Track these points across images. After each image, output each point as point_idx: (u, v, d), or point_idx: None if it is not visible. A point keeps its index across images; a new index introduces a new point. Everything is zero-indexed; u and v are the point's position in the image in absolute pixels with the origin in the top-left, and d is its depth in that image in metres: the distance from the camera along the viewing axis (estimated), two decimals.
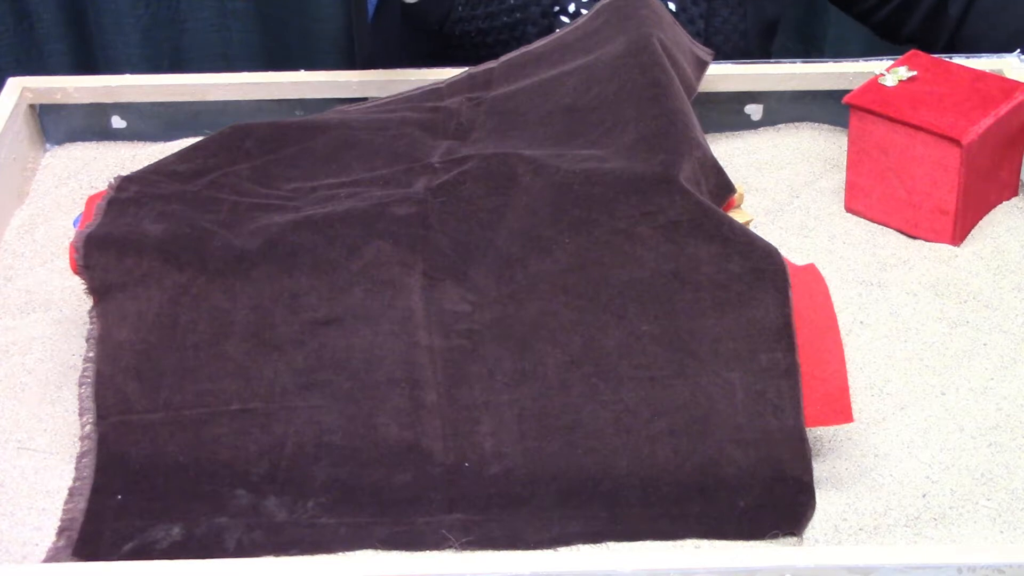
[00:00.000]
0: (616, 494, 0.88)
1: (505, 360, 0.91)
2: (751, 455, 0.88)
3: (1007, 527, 0.87)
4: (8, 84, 1.23)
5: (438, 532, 0.86)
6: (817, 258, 1.10)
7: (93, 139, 1.27)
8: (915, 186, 1.10)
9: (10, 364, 1.01)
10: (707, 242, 0.92)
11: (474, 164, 0.99)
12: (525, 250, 0.93)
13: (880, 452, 0.92)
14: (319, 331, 0.91)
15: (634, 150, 0.97)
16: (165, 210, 0.97)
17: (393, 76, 1.23)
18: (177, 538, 0.86)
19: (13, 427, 0.96)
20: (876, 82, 1.12)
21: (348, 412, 0.90)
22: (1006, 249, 1.09)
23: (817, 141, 1.24)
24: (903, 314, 1.04)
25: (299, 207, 0.98)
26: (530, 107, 1.08)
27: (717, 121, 1.24)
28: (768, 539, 0.86)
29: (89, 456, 0.90)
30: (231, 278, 0.93)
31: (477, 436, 0.89)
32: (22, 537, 0.88)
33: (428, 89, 1.16)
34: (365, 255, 0.93)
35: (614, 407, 0.89)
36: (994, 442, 0.93)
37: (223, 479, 0.88)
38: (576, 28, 1.15)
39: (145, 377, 0.91)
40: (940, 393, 0.97)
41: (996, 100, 1.08)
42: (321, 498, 0.88)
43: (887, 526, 0.87)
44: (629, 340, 0.90)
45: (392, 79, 1.23)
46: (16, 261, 1.12)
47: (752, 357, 0.89)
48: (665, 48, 1.08)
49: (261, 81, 1.24)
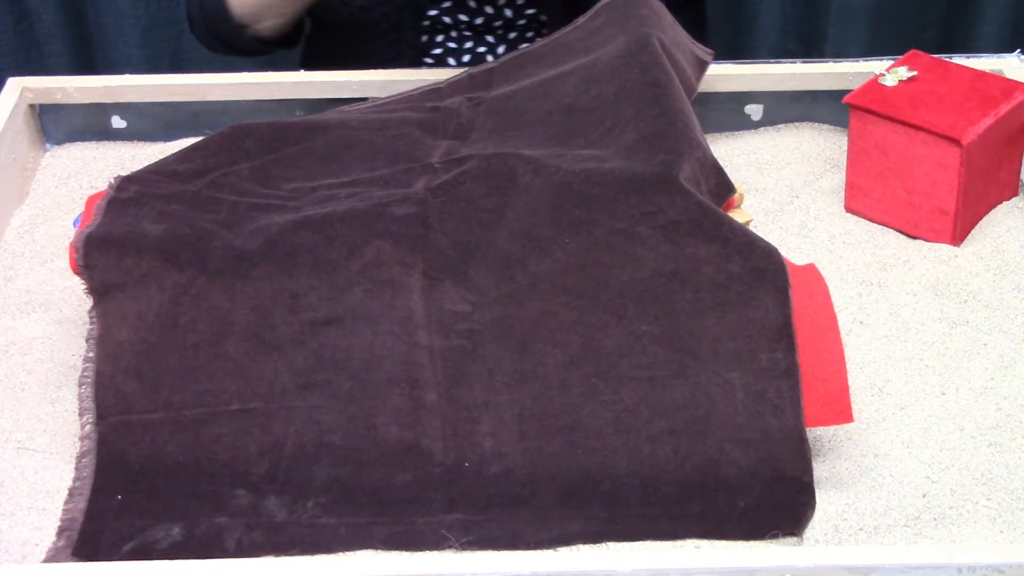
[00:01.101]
0: (616, 494, 0.88)
1: (505, 360, 0.91)
2: (751, 455, 0.88)
3: (1007, 527, 0.87)
4: (8, 84, 1.23)
5: (438, 532, 0.86)
6: (817, 258, 1.10)
7: (93, 139, 1.27)
8: (915, 186, 1.10)
9: (10, 364, 1.01)
10: (707, 242, 0.92)
11: (474, 164, 0.99)
12: (525, 250, 0.93)
13: (880, 452, 0.92)
14: (319, 331, 0.91)
15: (634, 150, 0.97)
16: (165, 210, 0.97)
17: (393, 76, 1.23)
18: (177, 538, 0.86)
19: (13, 427, 0.96)
20: (876, 82, 1.12)
21: (348, 412, 0.90)
22: (1006, 249, 1.09)
23: (817, 141, 1.24)
24: (903, 314, 1.04)
25: (299, 207, 0.98)
26: (530, 107, 1.08)
27: (717, 121, 1.24)
28: (768, 539, 0.86)
29: (89, 456, 0.90)
30: (231, 278, 0.93)
31: (477, 436, 0.89)
32: (22, 537, 0.88)
33: (428, 89, 1.16)
34: (365, 255, 0.93)
35: (614, 407, 0.89)
36: (994, 442, 0.93)
37: (223, 479, 0.88)
38: (576, 28, 1.15)
39: (145, 377, 0.91)
40: (940, 393, 0.97)
41: (996, 100, 1.08)
42: (321, 498, 0.88)
43: (887, 526, 0.87)
44: (629, 340, 0.90)
45: (392, 79, 1.23)
46: (16, 261, 1.12)
47: (752, 357, 0.89)
48: (665, 48, 1.08)
49: (261, 81, 1.24)
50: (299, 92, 1.24)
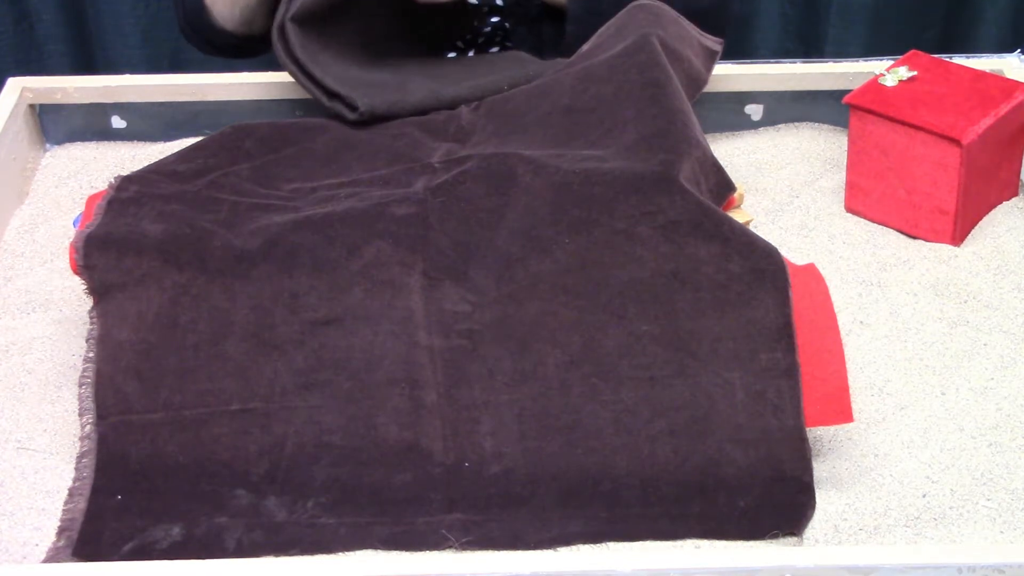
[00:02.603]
0: (616, 494, 0.88)
1: (505, 360, 0.91)
2: (751, 455, 0.88)
3: (1007, 527, 0.87)
4: (8, 84, 1.23)
5: (438, 532, 0.86)
6: (817, 258, 1.10)
7: (93, 139, 1.27)
8: (915, 186, 1.10)
9: (10, 364, 1.01)
10: (707, 242, 0.92)
11: (474, 164, 0.99)
12: (525, 250, 0.93)
13: (880, 452, 0.92)
14: (319, 331, 0.91)
15: (633, 150, 0.97)
16: (165, 210, 0.97)
17: None
18: (177, 538, 0.86)
19: (13, 427, 0.96)
20: (876, 82, 1.12)
21: (348, 412, 0.90)
22: (1006, 249, 1.09)
23: (817, 141, 1.24)
24: (903, 314, 1.04)
25: (299, 207, 0.98)
26: (529, 108, 1.08)
27: (717, 121, 1.24)
28: (768, 539, 0.86)
29: (89, 456, 0.90)
30: (231, 278, 0.93)
31: (477, 436, 0.89)
32: (22, 537, 0.88)
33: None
34: (365, 255, 0.93)
35: (614, 407, 0.89)
36: (994, 442, 0.93)
37: (223, 479, 0.88)
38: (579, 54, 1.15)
39: (145, 377, 0.91)
40: (940, 393, 0.97)
41: (996, 100, 1.08)
42: (321, 498, 0.88)
43: (887, 526, 0.87)
44: (629, 340, 0.91)
45: None
46: (16, 261, 1.12)
47: (752, 357, 0.89)
48: (665, 45, 1.08)
49: (261, 81, 1.24)
50: (299, 92, 1.24)
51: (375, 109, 1.09)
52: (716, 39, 1.18)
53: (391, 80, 1.14)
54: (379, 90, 1.11)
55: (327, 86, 1.11)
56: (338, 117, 1.10)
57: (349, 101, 1.09)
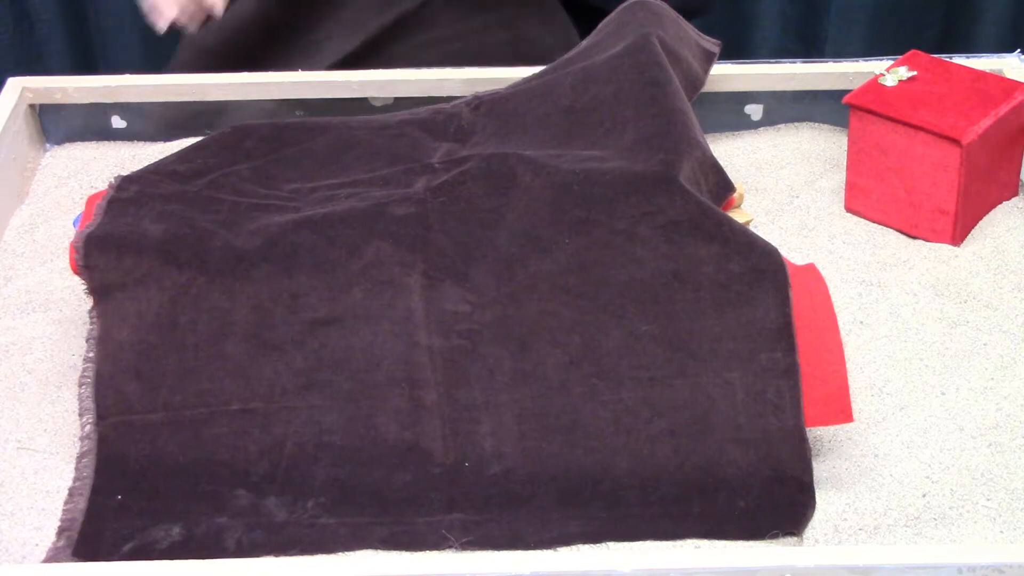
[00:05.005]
0: (616, 494, 0.88)
1: (505, 360, 0.91)
2: (751, 455, 0.88)
3: (1007, 527, 0.87)
4: (8, 84, 1.24)
5: (438, 532, 0.86)
6: (817, 258, 1.10)
7: (93, 139, 1.27)
8: (915, 186, 1.10)
9: (10, 364, 1.01)
10: (707, 242, 0.92)
11: (474, 164, 0.99)
12: (525, 250, 0.93)
13: (880, 452, 0.92)
14: (319, 331, 0.91)
15: (633, 150, 0.98)
16: (165, 210, 0.97)
17: (394, 76, 1.23)
18: (177, 538, 0.86)
19: (13, 427, 0.96)
20: (876, 82, 1.12)
21: (348, 412, 0.90)
22: (1006, 249, 1.09)
23: (817, 141, 1.24)
24: (903, 314, 1.04)
25: (299, 207, 0.98)
26: (528, 109, 1.08)
27: (717, 121, 1.24)
28: (768, 539, 0.86)
29: (89, 456, 0.90)
30: (231, 278, 0.93)
31: (477, 436, 0.89)
32: (22, 537, 0.88)
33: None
34: (365, 255, 0.93)
35: (614, 407, 0.89)
36: (994, 442, 0.93)
37: (223, 479, 0.88)
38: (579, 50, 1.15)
39: (145, 377, 0.91)
40: (940, 393, 0.97)
41: (996, 100, 1.08)
42: (321, 498, 0.88)
43: (887, 526, 0.87)
44: (629, 340, 0.91)
45: (392, 79, 1.23)
46: (16, 261, 1.12)
47: (752, 357, 0.89)
48: (664, 45, 1.08)
49: (261, 81, 1.24)
50: (299, 92, 1.24)
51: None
52: (714, 41, 1.18)
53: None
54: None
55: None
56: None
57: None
